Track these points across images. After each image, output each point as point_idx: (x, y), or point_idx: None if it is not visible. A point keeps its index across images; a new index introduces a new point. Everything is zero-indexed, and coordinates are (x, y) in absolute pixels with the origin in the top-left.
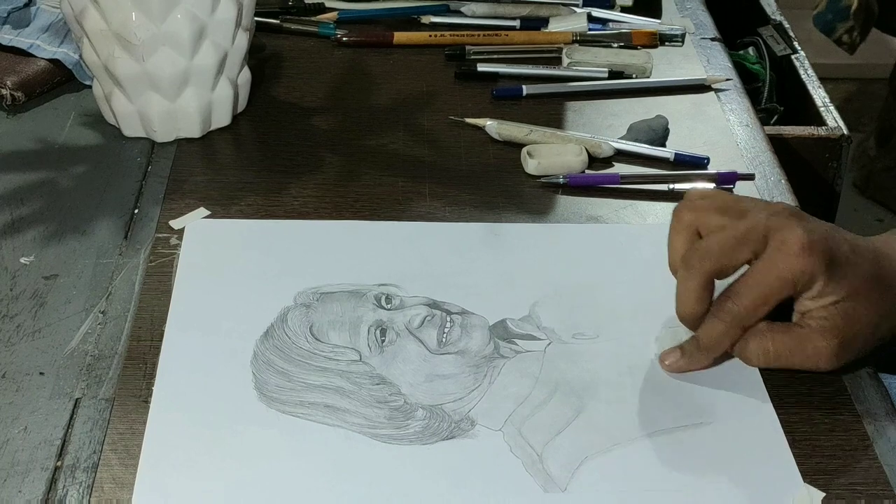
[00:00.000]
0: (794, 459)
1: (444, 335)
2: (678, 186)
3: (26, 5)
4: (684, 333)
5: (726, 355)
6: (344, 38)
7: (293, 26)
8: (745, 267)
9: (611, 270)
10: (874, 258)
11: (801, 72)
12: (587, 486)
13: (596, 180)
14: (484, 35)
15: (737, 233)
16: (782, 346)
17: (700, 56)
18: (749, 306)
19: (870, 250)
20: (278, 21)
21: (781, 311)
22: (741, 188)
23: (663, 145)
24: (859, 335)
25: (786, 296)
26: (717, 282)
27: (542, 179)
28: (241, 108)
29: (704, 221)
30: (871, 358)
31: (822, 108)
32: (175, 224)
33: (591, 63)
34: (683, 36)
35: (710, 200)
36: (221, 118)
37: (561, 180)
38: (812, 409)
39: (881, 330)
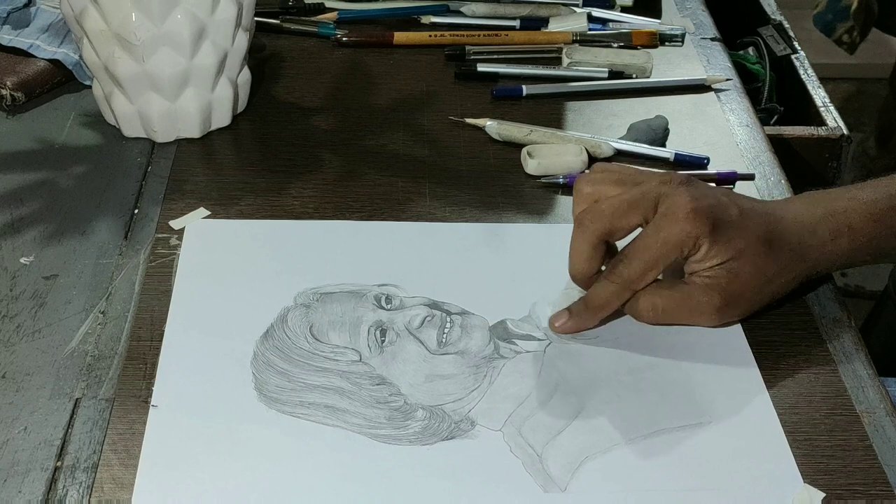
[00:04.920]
0: (794, 459)
1: (444, 335)
2: None
3: (26, 5)
4: (578, 295)
5: (617, 314)
6: (344, 38)
7: (293, 26)
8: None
9: None
10: (765, 221)
11: (801, 72)
12: (587, 487)
13: None
14: (484, 35)
15: (629, 197)
16: (670, 301)
17: (700, 56)
18: (638, 270)
19: (761, 213)
20: (278, 21)
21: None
22: (741, 188)
23: (663, 145)
24: (744, 294)
25: (673, 259)
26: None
27: (542, 180)
28: (241, 109)
29: (602, 192)
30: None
31: (822, 108)
32: (175, 224)
33: (591, 63)
34: (683, 36)
35: (608, 173)
36: (221, 118)
37: (561, 180)
38: (812, 409)
39: (770, 289)
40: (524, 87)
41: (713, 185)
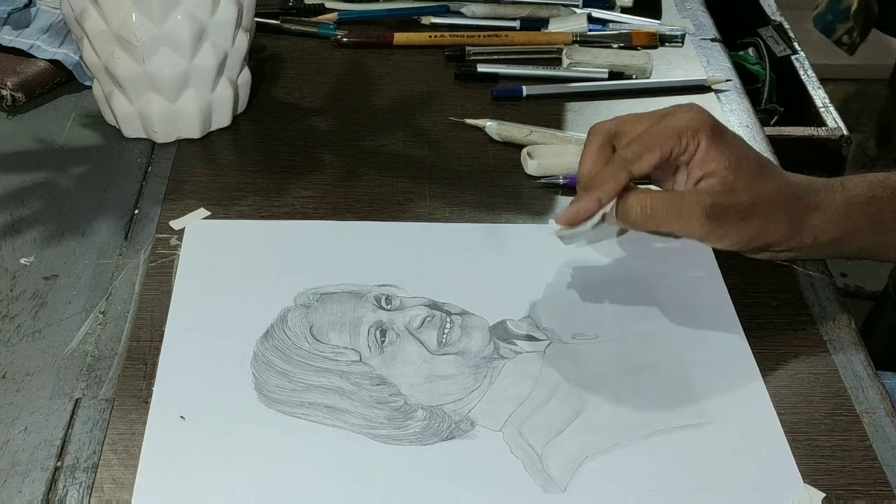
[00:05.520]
0: (794, 459)
1: (444, 336)
2: None
3: (26, 6)
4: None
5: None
6: (344, 39)
7: (293, 27)
8: None
9: (610, 271)
10: (764, 159)
11: (801, 72)
12: (587, 487)
13: None
14: (484, 36)
15: (642, 114)
16: (660, 203)
17: (700, 57)
18: (636, 150)
19: (760, 155)
20: (278, 22)
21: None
22: None
23: None
24: (734, 207)
25: (671, 148)
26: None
27: (542, 180)
28: (241, 109)
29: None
30: (872, 349)
31: (822, 109)
32: (175, 224)
33: (591, 64)
34: (683, 36)
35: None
36: (221, 119)
37: (561, 181)
38: (812, 409)
39: (760, 215)
40: (524, 87)
41: None
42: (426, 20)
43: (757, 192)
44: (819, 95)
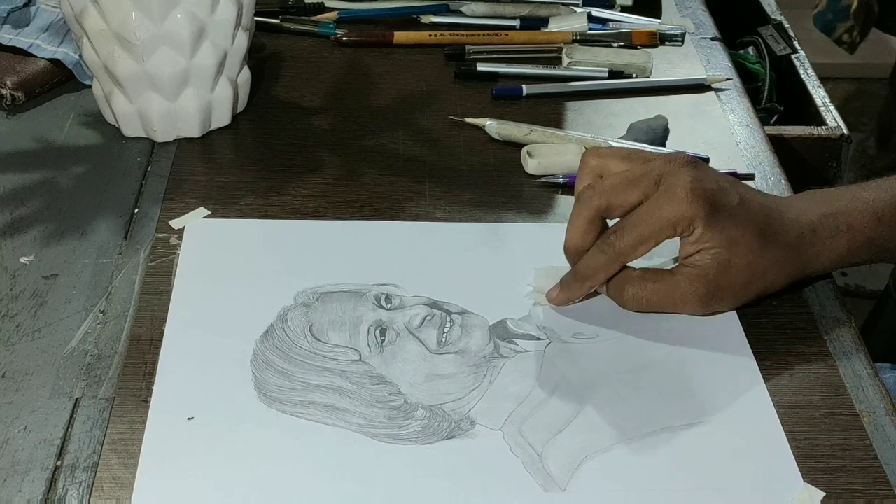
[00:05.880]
0: (794, 459)
1: (444, 335)
2: None
3: (26, 5)
4: (561, 271)
5: (594, 293)
6: (344, 38)
7: (293, 26)
8: None
9: None
10: (764, 214)
11: (801, 71)
12: (587, 486)
13: None
14: (484, 35)
15: (631, 175)
16: (654, 293)
17: (700, 56)
18: (630, 242)
19: (761, 206)
20: (278, 21)
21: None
22: None
23: (663, 145)
24: (731, 287)
25: (666, 237)
26: None
27: (542, 179)
28: (240, 108)
29: (607, 166)
30: (871, 348)
31: (821, 108)
32: (175, 224)
33: (591, 63)
34: (683, 36)
35: (617, 150)
36: (221, 118)
37: (561, 180)
38: (812, 409)
39: (759, 284)
40: (524, 86)
41: (718, 170)
42: (426, 19)
43: (754, 269)
44: (819, 94)
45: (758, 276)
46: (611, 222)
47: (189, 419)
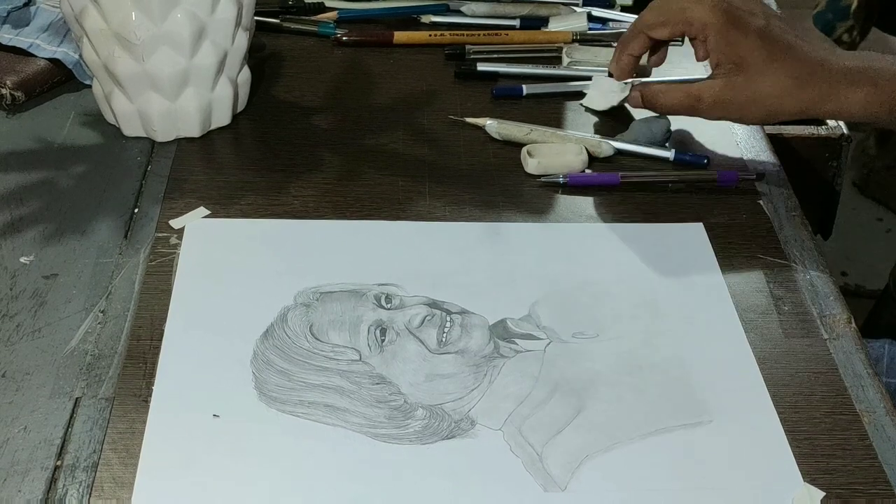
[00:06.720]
0: (794, 459)
1: (444, 335)
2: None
3: (26, 4)
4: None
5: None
6: (344, 38)
7: (293, 26)
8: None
9: (610, 270)
10: (785, 44)
11: None
12: (587, 486)
13: (595, 181)
14: (484, 34)
15: None
16: (675, 97)
17: None
18: (651, 21)
19: (788, 39)
20: (278, 20)
21: None
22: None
23: (664, 145)
24: (733, 99)
25: (681, 30)
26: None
27: (542, 179)
28: (240, 108)
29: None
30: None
31: None
32: (175, 223)
33: (592, 62)
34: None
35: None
36: (221, 118)
37: (561, 180)
38: (812, 409)
39: (760, 105)
40: (524, 86)
41: None
42: (426, 19)
43: (754, 89)
44: None
45: (758, 98)
46: None
47: (215, 416)
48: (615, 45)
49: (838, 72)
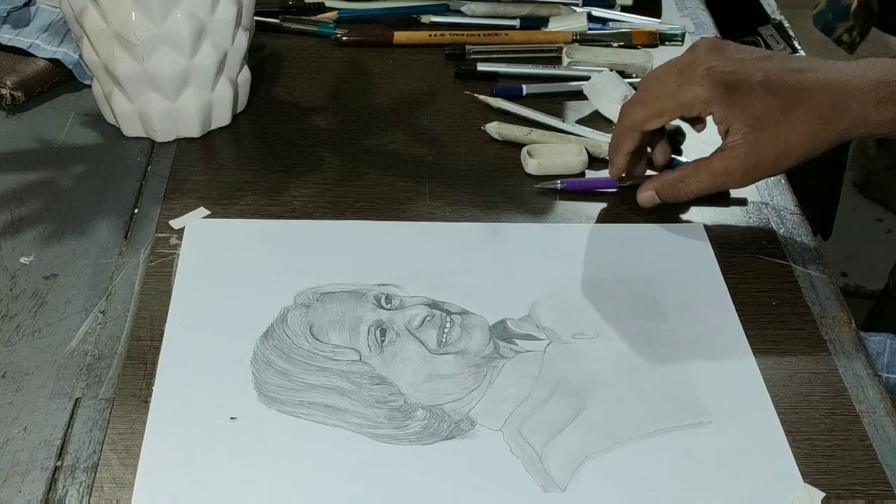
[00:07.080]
0: (794, 459)
1: (444, 335)
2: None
3: (26, 5)
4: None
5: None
6: (344, 38)
7: (293, 26)
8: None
9: (610, 270)
10: (792, 88)
11: None
12: (587, 486)
13: (593, 185)
14: (484, 34)
15: (664, 66)
16: (700, 183)
17: None
18: (646, 115)
19: (791, 79)
20: (278, 21)
21: None
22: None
23: (678, 153)
24: (763, 161)
25: (681, 115)
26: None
27: (539, 186)
28: (240, 108)
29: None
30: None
31: None
32: (175, 224)
33: (592, 62)
34: (683, 35)
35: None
36: (221, 118)
37: (559, 185)
38: (812, 409)
39: (791, 156)
40: (524, 86)
41: (745, 46)
42: (426, 19)
43: (782, 143)
44: None
45: (790, 149)
46: None
47: (232, 419)
48: (615, 44)
49: (859, 91)
